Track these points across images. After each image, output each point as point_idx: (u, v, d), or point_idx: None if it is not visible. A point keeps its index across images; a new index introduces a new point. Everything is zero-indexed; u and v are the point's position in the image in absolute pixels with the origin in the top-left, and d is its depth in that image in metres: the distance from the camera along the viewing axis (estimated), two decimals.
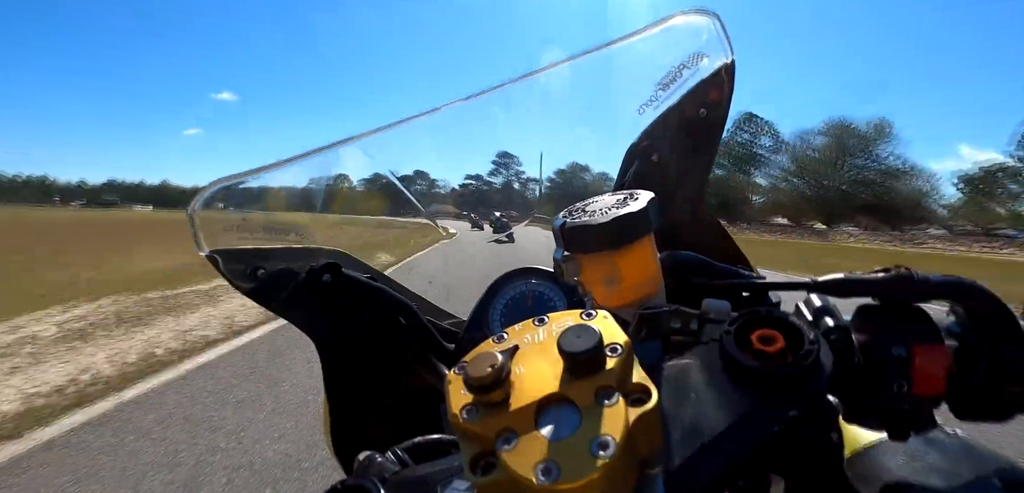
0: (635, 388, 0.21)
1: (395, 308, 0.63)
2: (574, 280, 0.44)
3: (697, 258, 0.52)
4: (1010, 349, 0.31)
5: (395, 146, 0.64)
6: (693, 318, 0.34)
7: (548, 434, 0.19)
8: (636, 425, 0.19)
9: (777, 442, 0.26)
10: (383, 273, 0.67)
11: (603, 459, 0.18)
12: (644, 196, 0.44)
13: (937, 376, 0.32)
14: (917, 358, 0.32)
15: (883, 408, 0.33)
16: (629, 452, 0.19)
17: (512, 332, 0.26)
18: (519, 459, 0.19)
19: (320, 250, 0.60)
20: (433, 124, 0.59)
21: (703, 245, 0.57)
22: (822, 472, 0.29)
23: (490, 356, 0.22)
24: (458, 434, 0.22)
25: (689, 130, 0.58)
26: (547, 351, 0.23)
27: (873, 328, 0.33)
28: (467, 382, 0.22)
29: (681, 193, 0.62)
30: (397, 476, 0.31)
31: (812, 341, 0.28)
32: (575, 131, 0.71)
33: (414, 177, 0.75)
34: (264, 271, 0.54)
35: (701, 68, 0.55)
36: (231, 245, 0.52)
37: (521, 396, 0.21)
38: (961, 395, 0.33)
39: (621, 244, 0.42)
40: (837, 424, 0.30)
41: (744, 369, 0.28)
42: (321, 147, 0.61)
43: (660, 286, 0.46)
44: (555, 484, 0.18)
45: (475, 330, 0.62)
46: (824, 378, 0.27)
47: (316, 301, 0.57)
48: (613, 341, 0.22)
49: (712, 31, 0.54)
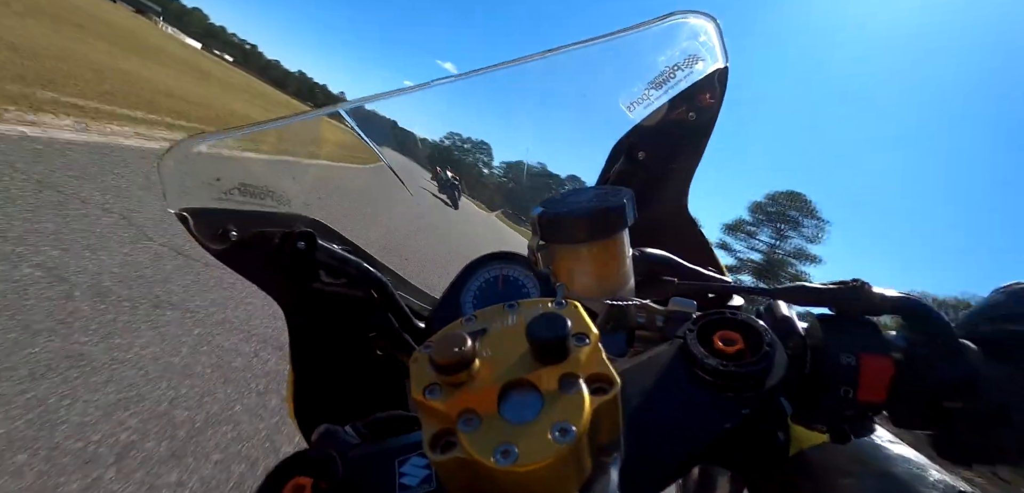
0: (599, 378, 0.21)
1: (368, 282, 0.62)
2: (548, 269, 0.45)
3: (669, 257, 0.54)
4: (948, 366, 0.33)
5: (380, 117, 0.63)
6: (659, 315, 0.35)
7: (510, 417, 0.20)
8: (597, 413, 0.20)
9: (728, 437, 0.27)
10: (359, 246, 0.66)
11: (562, 444, 0.18)
12: (622, 193, 0.44)
13: (880, 385, 0.34)
14: (864, 367, 0.34)
15: (829, 412, 0.35)
16: (588, 439, 0.20)
17: (482, 315, 0.26)
18: (479, 440, 0.19)
19: (296, 217, 0.58)
20: (421, 100, 0.58)
21: (679, 245, 0.58)
22: (767, 468, 0.31)
23: (458, 337, 0.22)
24: (420, 411, 0.22)
25: (677, 132, 0.59)
26: (515, 336, 0.23)
27: (826, 336, 0.35)
28: (433, 361, 0.22)
29: (663, 193, 0.63)
30: (356, 450, 0.31)
31: (769, 345, 0.29)
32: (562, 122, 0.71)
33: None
34: (236, 234, 0.52)
35: (695, 71, 0.55)
36: (202, 204, 0.50)
37: (486, 379, 0.21)
38: (900, 405, 0.35)
39: (596, 238, 0.43)
40: (786, 424, 0.32)
41: (704, 367, 0.29)
42: (305, 113, 0.59)
43: (631, 281, 0.47)
44: (512, 466, 0.18)
45: (446, 310, 0.62)
46: (777, 381, 0.28)
47: (288, 268, 0.56)
48: (581, 331, 0.22)
49: (710, 34, 0.54)
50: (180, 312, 2.35)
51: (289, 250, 0.55)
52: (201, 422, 1.74)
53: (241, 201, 0.53)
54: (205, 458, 1.60)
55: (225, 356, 2.19)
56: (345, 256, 0.60)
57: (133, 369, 1.83)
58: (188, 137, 0.49)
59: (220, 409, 1.85)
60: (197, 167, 0.50)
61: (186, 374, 1.95)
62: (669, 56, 0.55)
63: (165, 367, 1.93)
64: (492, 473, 0.18)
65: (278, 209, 0.56)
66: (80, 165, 3.53)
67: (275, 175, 0.57)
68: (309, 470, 0.28)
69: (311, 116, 0.61)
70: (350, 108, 0.57)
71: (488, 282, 0.62)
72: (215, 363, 2.11)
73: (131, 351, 1.93)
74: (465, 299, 0.61)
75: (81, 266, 2.30)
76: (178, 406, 1.76)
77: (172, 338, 2.13)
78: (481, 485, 0.20)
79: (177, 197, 0.48)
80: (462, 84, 0.57)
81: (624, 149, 0.63)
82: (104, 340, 1.90)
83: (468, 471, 0.19)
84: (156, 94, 7.18)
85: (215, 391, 1.93)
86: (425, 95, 0.57)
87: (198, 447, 1.62)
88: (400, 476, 0.27)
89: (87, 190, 3.15)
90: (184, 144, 0.49)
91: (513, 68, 0.57)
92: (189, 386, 1.89)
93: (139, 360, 1.89)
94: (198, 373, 1.99)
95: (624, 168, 0.64)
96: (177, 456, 1.55)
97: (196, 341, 2.20)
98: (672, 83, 0.56)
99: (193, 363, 2.04)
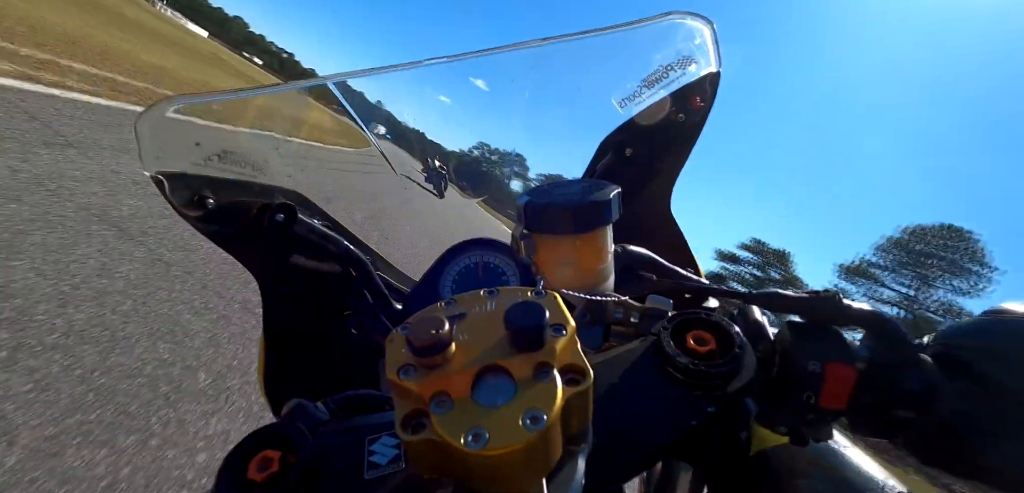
0: (572, 369, 0.21)
1: (347, 259, 0.61)
2: (530, 258, 0.45)
3: (649, 256, 0.54)
4: (907, 379, 0.35)
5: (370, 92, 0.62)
6: (636, 311, 0.36)
7: (482, 402, 0.20)
8: (568, 404, 0.20)
9: (693, 434, 0.28)
10: (340, 223, 0.65)
11: (533, 432, 0.18)
12: (609, 188, 0.44)
13: (842, 394, 0.35)
14: (828, 375, 0.35)
15: (791, 415, 0.36)
16: (559, 428, 0.20)
17: (462, 300, 0.26)
18: (450, 423, 0.19)
19: (277, 189, 0.57)
20: (414, 78, 0.57)
21: (659, 244, 0.59)
22: (728, 465, 0.32)
23: (436, 320, 0.22)
24: (393, 391, 0.22)
25: (665, 131, 0.59)
26: (493, 323, 0.23)
27: (795, 343, 0.36)
28: (409, 342, 0.21)
29: (648, 191, 0.63)
30: (326, 426, 0.30)
31: (739, 348, 0.30)
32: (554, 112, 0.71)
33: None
34: (214, 202, 0.50)
35: (688, 73, 0.55)
36: (180, 169, 0.48)
37: (461, 363, 0.21)
38: (858, 413, 0.36)
39: (580, 230, 0.43)
40: (749, 424, 0.33)
41: (675, 364, 0.29)
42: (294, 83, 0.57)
43: (611, 276, 0.47)
44: (482, 450, 0.18)
45: (425, 292, 0.61)
46: (745, 383, 0.29)
47: (266, 240, 0.54)
48: (558, 322, 0.23)
49: (705, 38, 0.54)
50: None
51: (268, 221, 0.53)
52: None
53: (220, 168, 0.51)
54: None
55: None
56: (325, 232, 0.59)
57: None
58: (169, 97, 0.47)
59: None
60: (176, 130, 0.48)
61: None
62: (664, 55, 0.55)
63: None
64: (462, 455, 0.18)
65: (258, 179, 0.55)
66: None
67: (257, 144, 0.55)
68: (277, 444, 0.28)
69: (300, 86, 0.60)
70: (338, 81, 0.56)
71: (468, 267, 0.62)
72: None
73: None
74: (444, 283, 0.61)
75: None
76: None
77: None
78: (450, 467, 0.20)
79: (153, 159, 0.46)
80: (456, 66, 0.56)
81: (612, 144, 0.63)
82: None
83: (438, 452, 0.19)
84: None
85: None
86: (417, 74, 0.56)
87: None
88: (370, 454, 0.27)
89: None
90: (164, 104, 0.47)
91: (508, 54, 0.56)
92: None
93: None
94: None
95: (611, 163, 0.64)
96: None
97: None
98: (664, 82, 0.56)
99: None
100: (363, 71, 0.56)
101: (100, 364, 1.61)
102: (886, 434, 0.37)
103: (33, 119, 3.32)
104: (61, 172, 2.76)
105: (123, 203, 2.79)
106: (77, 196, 2.59)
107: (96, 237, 2.32)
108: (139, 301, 2.04)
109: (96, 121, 4.04)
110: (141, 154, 0.46)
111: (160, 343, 1.87)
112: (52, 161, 2.83)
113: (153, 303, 2.08)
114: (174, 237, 2.70)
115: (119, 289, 2.05)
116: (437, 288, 0.61)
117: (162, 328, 1.96)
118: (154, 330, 1.92)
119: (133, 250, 2.39)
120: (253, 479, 0.26)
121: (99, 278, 2.04)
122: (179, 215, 0.49)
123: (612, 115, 0.61)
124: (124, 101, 5.20)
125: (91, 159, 3.15)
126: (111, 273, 2.11)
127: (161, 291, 2.19)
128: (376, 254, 0.69)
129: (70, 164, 2.92)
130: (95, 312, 1.83)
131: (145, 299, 2.07)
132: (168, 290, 2.23)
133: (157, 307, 2.06)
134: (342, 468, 0.27)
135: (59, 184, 2.61)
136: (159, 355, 1.80)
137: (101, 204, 2.67)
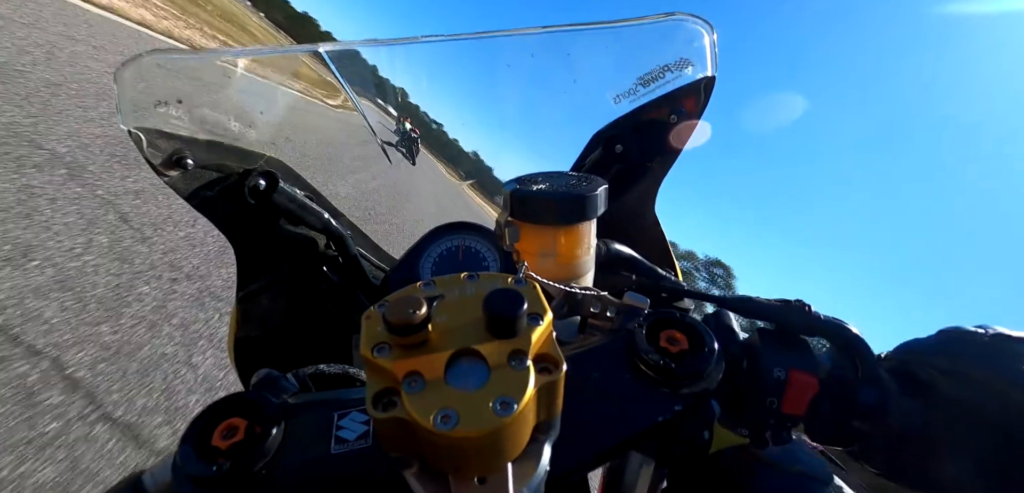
0: (546, 358, 0.22)
1: (327, 232, 0.60)
2: (512, 245, 0.45)
3: (630, 253, 0.55)
4: (864, 393, 0.36)
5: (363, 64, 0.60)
6: (613, 306, 0.36)
7: (454, 384, 0.20)
8: (540, 393, 0.20)
9: (658, 430, 0.29)
10: (322, 195, 0.63)
11: (502, 417, 0.19)
12: (596, 183, 0.45)
13: (803, 401, 0.37)
14: (791, 383, 0.36)
15: (753, 418, 0.38)
16: (528, 416, 0.20)
17: (441, 282, 0.26)
18: (421, 402, 0.19)
19: (259, 155, 0.55)
20: (412, 53, 0.56)
21: (640, 242, 0.60)
22: (689, 462, 0.33)
23: (414, 300, 0.22)
24: (366, 368, 0.21)
25: (657, 131, 0.59)
26: (471, 307, 0.23)
27: (763, 349, 0.37)
28: (386, 320, 0.21)
29: (635, 189, 0.64)
30: (295, 398, 0.30)
31: (709, 349, 0.31)
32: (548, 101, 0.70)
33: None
34: (193, 162, 0.48)
35: (684, 75, 0.55)
36: (160, 126, 0.46)
37: (436, 345, 0.21)
38: (816, 421, 0.38)
39: (565, 222, 0.43)
40: (713, 424, 0.34)
41: (646, 361, 0.30)
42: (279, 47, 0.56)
43: (591, 270, 0.48)
44: (451, 431, 0.18)
45: (404, 272, 0.61)
46: (712, 383, 0.30)
47: (246, 207, 0.53)
48: (536, 311, 0.23)
49: (704, 42, 0.54)
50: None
51: (248, 188, 0.52)
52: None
53: (202, 129, 0.49)
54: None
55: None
56: (306, 203, 0.58)
57: None
58: (153, 51, 0.45)
59: None
60: (158, 85, 0.46)
61: None
62: (662, 55, 0.55)
63: None
64: (430, 435, 0.18)
65: (240, 144, 0.53)
66: None
67: (242, 108, 0.53)
68: (244, 412, 0.27)
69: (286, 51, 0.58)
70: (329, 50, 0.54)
71: (449, 250, 0.62)
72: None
73: None
74: (424, 264, 0.61)
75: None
76: None
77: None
78: (417, 446, 0.20)
79: (132, 114, 0.44)
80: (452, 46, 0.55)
81: (603, 139, 0.63)
82: None
83: (406, 431, 0.19)
84: None
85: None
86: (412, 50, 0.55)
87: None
88: (338, 429, 0.27)
89: None
90: (147, 57, 0.44)
91: (506, 38, 0.55)
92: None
93: None
94: None
95: (600, 158, 0.64)
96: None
97: None
98: (660, 82, 0.56)
99: None
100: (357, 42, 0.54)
101: None
102: (841, 442, 0.39)
103: None
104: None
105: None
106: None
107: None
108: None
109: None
110: (119, 106, 0.44)
111: None
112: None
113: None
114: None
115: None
116: (416, 269, 0.61)
117: None
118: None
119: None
120: (217, 446, 0.26)
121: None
122: (156, 174, 0.47)
123: (606, 110, 0.61)
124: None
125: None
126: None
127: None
128: (357, 229, 0.68)
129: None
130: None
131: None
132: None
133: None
134: (309, 440, 0.27)
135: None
136: None
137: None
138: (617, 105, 0.60)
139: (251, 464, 0.25)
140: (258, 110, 0.55)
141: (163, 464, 0.27)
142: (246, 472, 0.25)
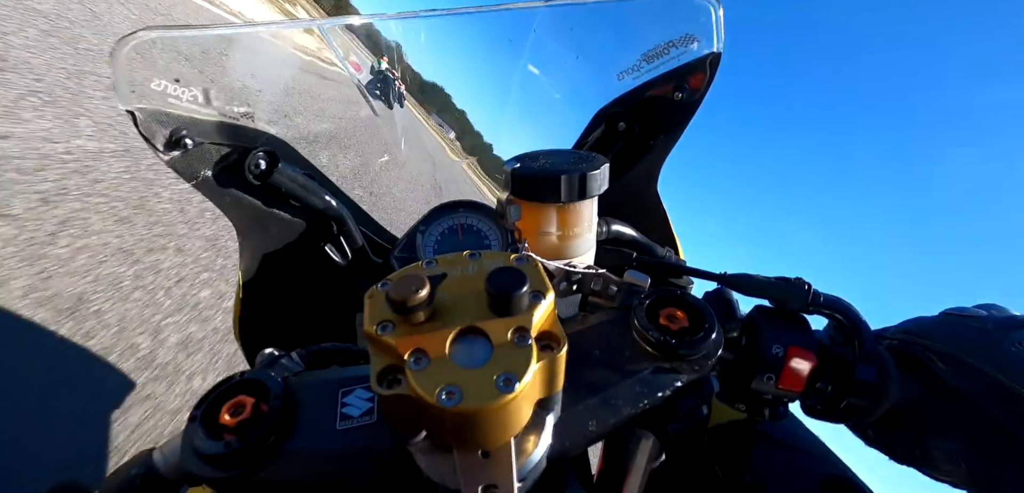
0: (548, 336, 0.22)
1: (329, 211, 0.60)
2: (514, 224, 0.45)
3: (631, 232, 0.55)
4: (861, 370, 0.37)
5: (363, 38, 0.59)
6: (614, 284, 0.36)
7: (458, 361, 0.20)
8: (541, 369, 0.21)
9: (658, 406, 0.29)
10: (323, 173, 0.63)
11: (505, 393, 0.19)
12: (599, 161, 0.44)
13: (801, 378, 0.37)
14: (790, 359, 0.37)
15: (751, 395, 0.38)
16: (530, 392, 0.21)
17: (443, 260, 0.26)
18: (425, 379, 0.19)
19: (260, 133, 0.55)
20: (413, 27, 0.55)
21: (642, 220, 0.59)
22: (687, 436, 0.33)
23: (417, 279, 0.22)
24: (371, 346, 0.22)
25: (661, 109, 0.58)
26: (474, 285, 0.23)
27: (762, 326, 0.38)
28: (389, 298, 0.21)
29: (637, 167, 0.63)
30: (299, 376, 0.30)
31: (709, 327, 0.31)
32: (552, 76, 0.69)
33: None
34: (192, 142, 0.48)
35: (689, 51, 0.54)
36: (158, 105, 0.45)
37: (440, 322, 0.22)
38: (812, 397, 0.38)
39: (567, 200, 0.43)
40: (711, 400, 0.35)
41: (646, 338, 0.30)
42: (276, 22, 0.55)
43: (593, 248, 0.48)
44: (455, 407, 0.18)
45: (407, 251, 0.61)
46: (712, 360, 0.31)
47: (246, 186, 0.53)
48: (538, 289, 0.23)
49: (710, 17, 0.52)
50: None
51: (249, 167, 0.52)
52: None
53: (201, 107, 0.49)
54: None
55: None
56: (307, 182, 0.57)
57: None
58: (148, 28, 0.44)
59: None
60: (156, 62, 0.45)
61: None
62: (667, 31, 0.54)
63: None
64: (435, 411, 0.19)
65: (240, 122, 0.52)
66: None
67: (242, 85, 0.53)
68: (251, 390, 0.28)
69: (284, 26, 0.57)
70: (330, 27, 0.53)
71: (450, 229, 0.62)
72: None
73: None
74: (426, 242, 0.61)
75: None
76: None
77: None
78: (421, 422, 0.21)
79: (130, 92, 0.44)
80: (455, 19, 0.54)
81: (606, 117, 0.63)
82: None
83: (410, 408, 0.20)
84: None
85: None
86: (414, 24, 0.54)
87: None
88: (342, 406, 0.28)
89: None
90: (144, 34, 0.43)
91: (509, 12, 0.54)
92: None
93: None
94: None
95: (603, 135, 0.64)
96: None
97: None
98: (665, 59, 0.55)
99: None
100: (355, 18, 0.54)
101: None
102: (838, 418, 0.39)
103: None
104: None
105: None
106: None
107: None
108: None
109: None
110: (116, 85, 0.43)
111: None
112: None
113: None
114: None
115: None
116: (418, 247, 0.61)
117: None
118: None
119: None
120: (225, 423, 0.26)
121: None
122: (154, 153, 0.47)
123: (609, 86, 0.60)
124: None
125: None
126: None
127: None
128: (359, 208, 0.68)
129: None
130: None
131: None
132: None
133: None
134: (314, 417, 0.27)
135: None
136: None
137: None
138: (621, 81, 0.59)
139: (259, 441, 0.26)
140: (256, 87, 0.54)
141: (172, 442, 0.28)
142: (254, 449, 0.25)
